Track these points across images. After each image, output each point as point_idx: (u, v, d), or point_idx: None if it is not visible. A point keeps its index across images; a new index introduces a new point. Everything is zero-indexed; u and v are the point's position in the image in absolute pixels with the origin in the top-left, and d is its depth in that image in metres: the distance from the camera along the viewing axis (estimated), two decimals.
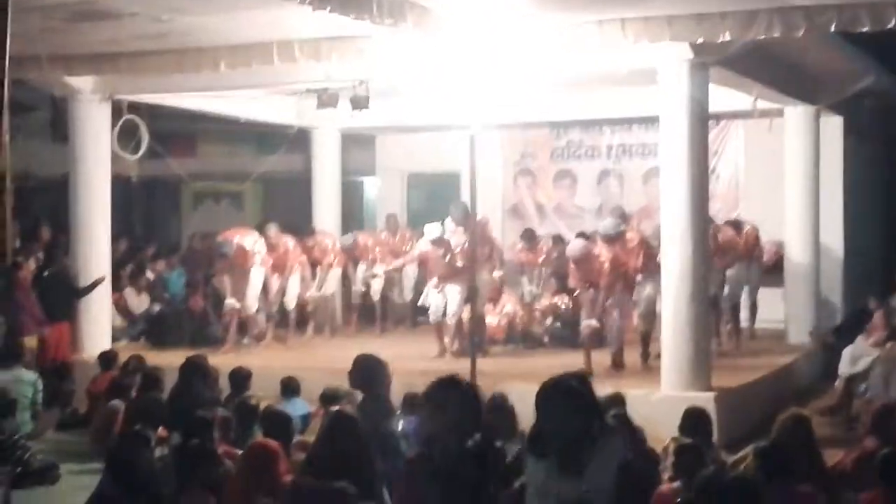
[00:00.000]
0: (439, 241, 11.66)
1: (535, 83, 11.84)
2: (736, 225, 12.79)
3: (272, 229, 13.00)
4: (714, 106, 10.09)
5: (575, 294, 12.08)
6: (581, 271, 10.73)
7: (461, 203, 11.77)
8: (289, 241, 13.05)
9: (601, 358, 10.72)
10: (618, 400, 7.72)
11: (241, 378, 8.82)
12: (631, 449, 6.56)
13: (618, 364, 10.63)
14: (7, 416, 7.96)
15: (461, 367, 9.31)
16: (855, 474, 6.47)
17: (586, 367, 10.48)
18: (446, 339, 11.71)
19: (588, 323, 10.64)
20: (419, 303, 12.51)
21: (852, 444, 7.39)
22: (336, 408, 7.13)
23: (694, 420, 7.10)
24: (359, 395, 7.28)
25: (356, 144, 16.57)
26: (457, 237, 11.44)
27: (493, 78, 9.64)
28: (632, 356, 10.80)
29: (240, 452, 6.76)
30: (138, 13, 8.74)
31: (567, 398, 4.23)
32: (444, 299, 11.64)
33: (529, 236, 13.98)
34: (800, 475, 5.90)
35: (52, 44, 9.91)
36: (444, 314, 11.63)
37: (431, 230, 11.85)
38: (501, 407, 7.50)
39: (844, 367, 10.34)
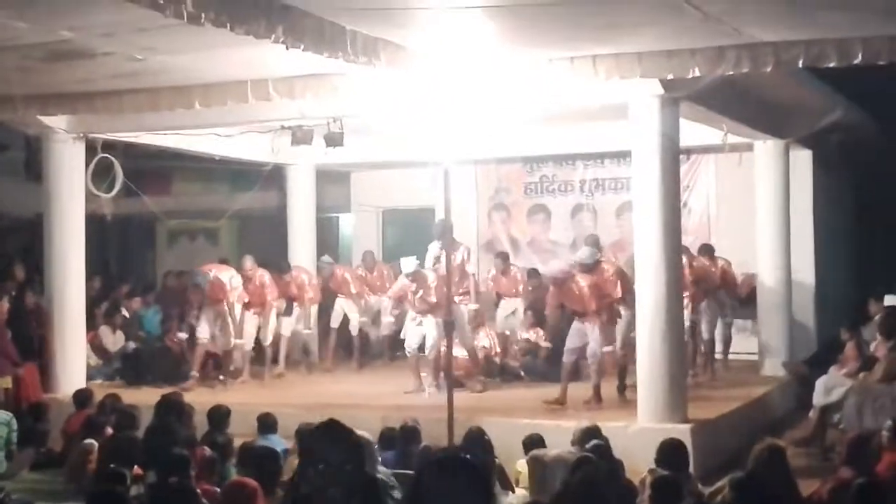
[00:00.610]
0: (414, 276, 11.72)
1: (509, 118, 11.95)
2: (708, 250, 12.90)
3: (248, 261, 13.03)
4: (685, 140, 10.23)
5: (550, 320, 12.13)
6: (560, 294, 10.78)
7: (441, 221, 11.84)
8: (265, 276, 13.07)
9: (576, 391, 10.75)
10: (593, 432, 7.77)
11: (220, 416, 8.79)
12: (610, 482, 6.65)
13: (597, 397, 10.66)
14: None
15: (438, 401, 9.36)
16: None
17: (560, 395, 10.53)
18: (423, 374, 11.73)
19: (572, 349, 10.67)
20: (401, 335, 12.52)
21: (828, 475, 7.44)
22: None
23: (670, 452, 7.13)
24: None
25: (331, 181, 16.62)
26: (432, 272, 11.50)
27: (467, 114, 9.73)
28: (608, 388, 10.84)
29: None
30: (113, 52, 8.77)
31: (464, 478, 3.37)
32: (420, 333, 11.68)
33: (504, 258, 13.98)
34: None
35: (26, 83, 9.93)
36: (422, 349, 11.67)
37: (407, 264, 11.90)
38: (478, 441, 7.53)
39: (818, 398, 10.41)
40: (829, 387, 10.39)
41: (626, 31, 8.32)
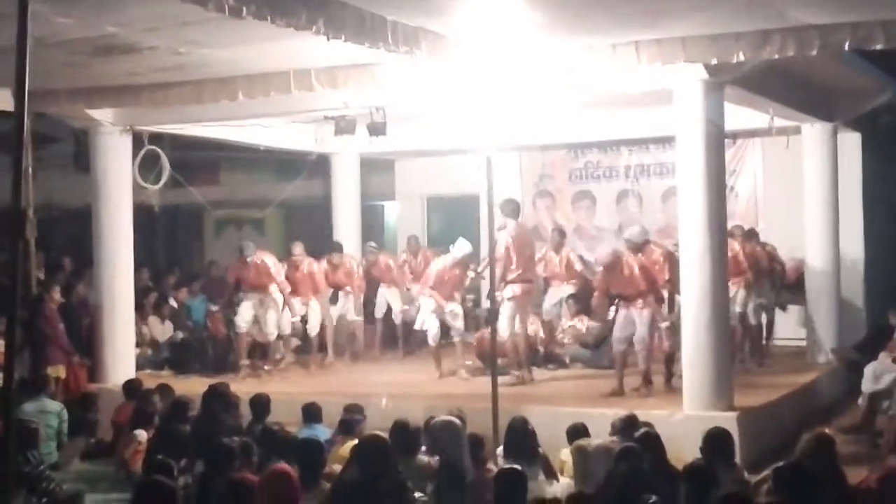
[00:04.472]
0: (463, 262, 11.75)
1: (552, 105, 11.89)
2: (753, 235, 12.81)
3: (298, 247, 13.12)
4: (731, 124, 10.11)
5: (597, 308, 12.07)
6: (611, 280, 10.73)
7: (511, 200, 11.84)
8: (313, 263, 13.14)
9: (625, 378, 10.71)
10: (632, 421, 7.75)
11: (261, 404, 8.87)
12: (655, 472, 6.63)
13: (647, 382, 10.61)
14: (32, 446, 8.02)
15: (482, 389, 9.35)
16: (880, 493, 6.44)
17: (617, 386, 10.49)
18: (444, 362, 11.87)
19: (622, 337, 10.63)
20: (415, 327, 12.55)
21: (877, 462, 7.36)
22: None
23: (716, 440, 7.08)
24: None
25: (375, 169, 16.66)
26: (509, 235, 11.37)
27: (509, 101, 9.70)
28: (654, 376, 10.79)
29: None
30: (157, 46, 8.85)
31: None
32: (437, 322, 11.82)
33: (561, 233, 13.71)
34: (824, 495, 5.89)
35: (72, 77, 10.05)
36: (448, 336, 11.83)
37: (462, 246, 11.92)
38: (521, 430, 7.52)
39: (867, 385, 10.28)
40: (879, 373, 10.25)
41: (669, 17, 8.23)
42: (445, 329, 12.03)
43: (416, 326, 12.46)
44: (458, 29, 8.43)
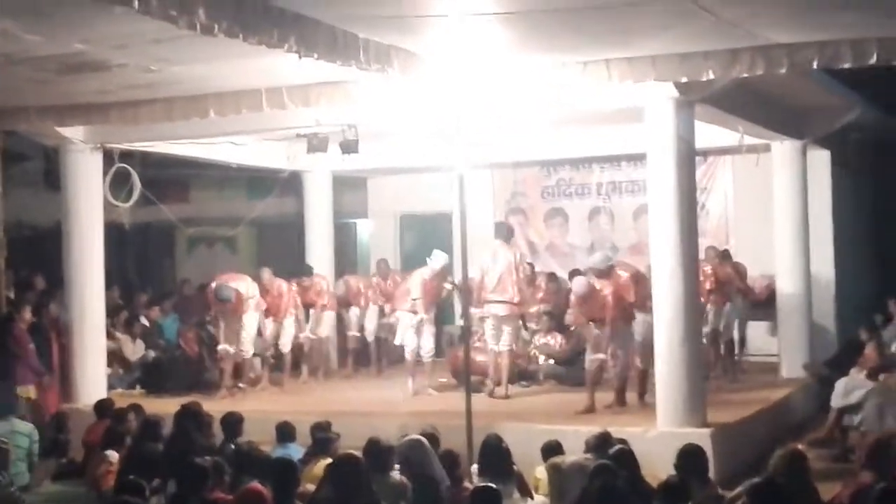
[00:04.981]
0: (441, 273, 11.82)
1: (524, 123, 11.93)
2: (724, 254, 12.92)
3: (266, 273, 13.07)
4: (701, 142, 10.20)
5: (572, 329, 12.15)
6: (586, 308, 10.78)
7: (503, 224, 11.84)
8: (283, 285, 13.11)
9: (599, 397, 10.72)
10: (605, 438, 7.75)
11: (232, 423, 8.80)
12: (629, 489, 6.62)
13: (621, 401, 10.65)
14: (2, 467, 7.93)
15: (456, 406, 9.34)
16: None
17: (589, 403, 10.51)
18: (412, 380, 11.92)
19: (595, 357, 10.66)
20: (395, 342, 12.58)
21: (849, 478, 7.38)
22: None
23: (689, 457, 7.07)
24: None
25: (348, 187, 16.65)
26: (501, 260, 11.50)
27: (481, 118, 9.73)
28: (628, 393, 10.81)
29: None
30: (127, 64, 8.81)
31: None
32: (416, 338, 11.85)
33: (531, 267, 13.90)
34: None
35: (42, 95, 9.99)
36: (420, 353, 11.90)
37: (438, 257, 11.98)
38: (496, 448, 7.51)
39: (837, 400, 10.36)
40: (850, 389, 10.33)
41: (639, 36, 8.29)
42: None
43: (396, 342, 12.48)
44: (430, 47, 8.46)
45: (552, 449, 7.91)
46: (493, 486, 6.48)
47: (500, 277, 11.46)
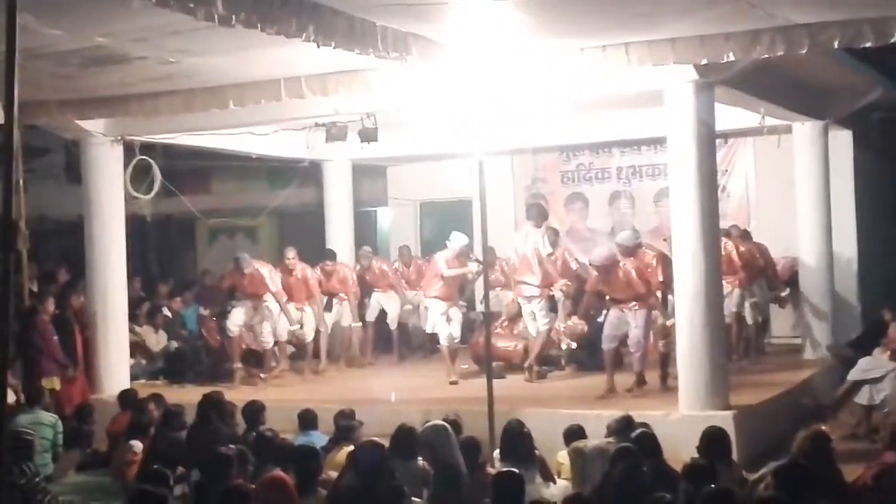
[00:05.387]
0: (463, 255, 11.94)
1: (543, 108, 11.89)
2: (747, 236, 12.86)
3: (291, 251, 13.10)
4: (722, 124, 10.15)
5: (592, 313, 12.11)
6: (603, 280, 10.74)
7: (535, 205, 11.82)
8: (307, 269, 13.12)
9: (620, 380, 10.72)
10: (627, 422, 7.75)
11: (254, 412, 8.84)
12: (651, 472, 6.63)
13: (641, 382, 10.62)
14: (27, 458, 7.99)
15: (478, 392, 9.35)
16: (876, 489, 6.44)
17: (608, 386, 10.50)
18: (453, 364, 11.97)
19: (613, 338, 10.64)
20: (427, 330, 12.62)
21: (873, 459, 7.35)
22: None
23: (712, 440, 7.09)
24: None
25: (368, 175, 16.66)
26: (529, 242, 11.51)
27: (500, 104, 9.71)
28: (650, 376, 10.80)
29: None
30: (147, 56, 8.84)
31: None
32: (447, 326, 11.89)
33: (555, 232, 13.75)
34: (819, 492, 5.90)
35: (63, 88, 10.02)
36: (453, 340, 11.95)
37: (458, 238, 12.00)
38: (517, 433, 7.52)
39: (854, 374, 10.43)
40: (870, 368, 10.33)
41: (659, 19, 8.24)
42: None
43: (428, 330, 12.53)
44: (448, 33, 8.44)
45: (574, 433, 7.92)
46: (516, 470, 6.49)
47: (527, 259, 11.45)
